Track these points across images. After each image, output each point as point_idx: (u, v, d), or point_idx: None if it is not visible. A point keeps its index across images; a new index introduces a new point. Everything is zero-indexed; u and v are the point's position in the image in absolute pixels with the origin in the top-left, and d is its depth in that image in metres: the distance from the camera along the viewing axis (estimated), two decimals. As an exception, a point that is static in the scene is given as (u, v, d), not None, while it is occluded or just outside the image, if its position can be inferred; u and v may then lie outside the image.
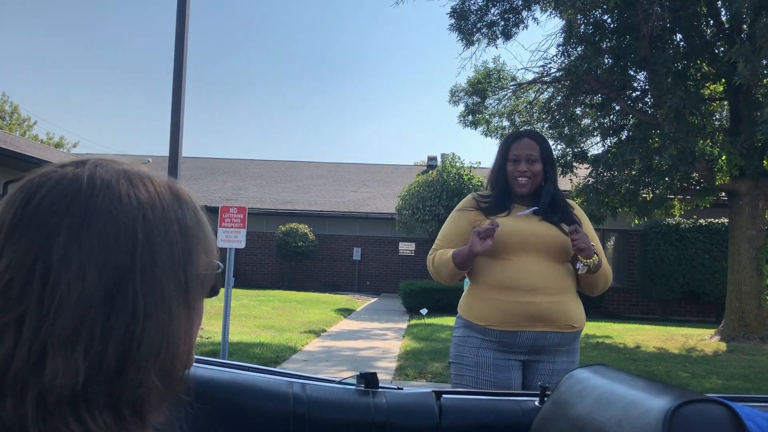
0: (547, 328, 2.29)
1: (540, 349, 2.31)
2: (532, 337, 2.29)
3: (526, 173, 2.41)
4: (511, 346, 2.30)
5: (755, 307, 10.04)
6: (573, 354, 2.39)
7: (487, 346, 2.31)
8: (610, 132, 11.71)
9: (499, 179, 2.48)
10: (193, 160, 26.34)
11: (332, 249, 20.85)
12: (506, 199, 2.44)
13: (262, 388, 1.27)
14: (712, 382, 6.79)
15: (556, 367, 2.33)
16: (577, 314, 2.35)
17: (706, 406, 0.93)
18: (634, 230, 16.15)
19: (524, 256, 2.32)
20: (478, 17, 10.93)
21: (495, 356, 2.30)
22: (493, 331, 2.30)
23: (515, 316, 2.27)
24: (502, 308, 2.29)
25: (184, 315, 0.61)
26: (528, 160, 2.42)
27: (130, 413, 0.57)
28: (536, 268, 2.30)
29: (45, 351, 0.53)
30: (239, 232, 6.60)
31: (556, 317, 2.29)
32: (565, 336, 2.33)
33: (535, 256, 2.32)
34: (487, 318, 2.31)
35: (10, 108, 35.29)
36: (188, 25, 8.05)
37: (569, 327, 2.32)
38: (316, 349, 8.34)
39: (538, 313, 2.27)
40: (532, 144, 2.46)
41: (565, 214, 2.42)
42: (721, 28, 10.20)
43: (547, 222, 2.38)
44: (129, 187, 0.60)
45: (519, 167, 2.42)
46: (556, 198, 2.46)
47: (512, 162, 2.44)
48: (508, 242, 2.32)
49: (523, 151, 2.43)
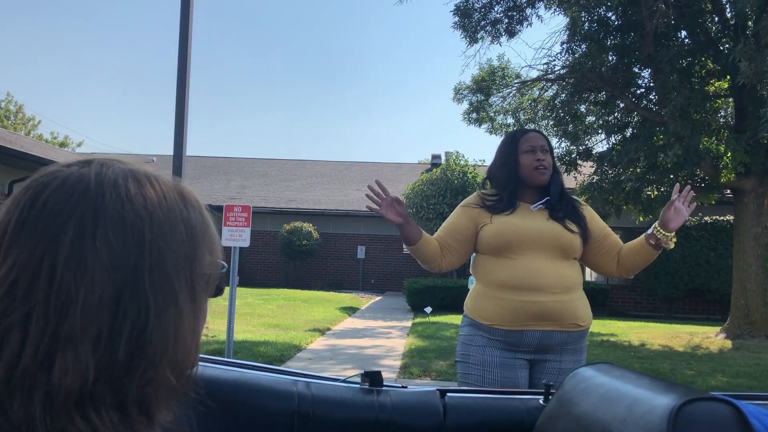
0: (553, 327, 2.28)
1: (546, 348, 2.30)
2: (538, 336, 2.28)
3: (544, 162, 2.40)
4: (518, 345, 2.29)
5: (761, 305, 10.01)
6: (580, 353, 2.38)
7: (494, 345, 2.30)
8: (615, 129, 11.68)
9: (511, 175, 2.43)
10: (197, 159, 26.37)
11: (336, 247, 20.85)
12: (513, 196, 2.42)
13: (266, 386, 1.27)
14: (717, 380, 6.77)
15: (563, 366, 2.32)
16: (584, 313, 2.34)
17: (711, 405, 0.92)
18: (639, 228, 16.10)
19: (530, 254, 2.30)
20: (481, 15, 10.91)
21: (501, 355, 2.30)
22: (499, 330, 2.29)
23: (521, 315, 2.26)
24: (507, 308, 2.28)
25: (190, 314, 0.61)
26: (543, 150, 2.42)
27: (137, 412, 0.57)
28: (542, 267, 2.29)
29: (52, 350, 0.53)
30: (244, 230, 6.61)
31: (562, 316, 2.28)
32: (572, 335, 2.32)
33: (541, 255, 2.30)
34: (492, 317, 2.30)
35: (14, 107, 35.38)
36: (192, 24, 8.06)
37: (575, 326, 2.31)
38: (320, 347, 8.35)
39: (543, 312, 2.25)
40: (540, 137, 2.47)
41: (571, 209, 2.41)
42: (726, 25, 10.16)
43: (553, 219, 2.36)
44: (136, 186, 0.60)
45: (537, 156, 2.40)
46: (564, 191, 2.46)
47: (528, 153, 2.41)
48: (514, 241, 2.31)
49: (536, 142, 2.43)
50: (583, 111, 11.89)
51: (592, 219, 2.47)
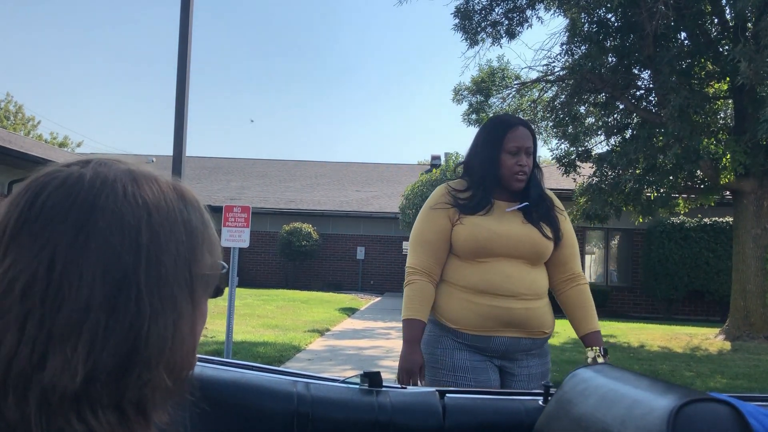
0: (521, 334, 2.19)
1: (512, 355, 2.21)
2: (506, 343, 2.18)
3: (525, 168, 2.21)
4: (484, 351, 2.19)
5: (760, 306, 10.01)
6: (545, 356, 2.30)
7: (462, 348, 2.19)
8: (614, 131, 11.69)
9: (489, 172, 2.24)
10: (197, 160, 26.37)
11: (336, 248, 20.86)
12: (489, 195, 2.24)
13: (266, 387, 1.27)
14: (716, 382, 6.77)
15: (532, 371, 2.24)
16: (550, 320, 2.27)
17: (711, 406, 0.92)
18: (639, 229, 16.11)
19: (502, 259, 2.18)
20: (482, 17, 10.93)
21: (471, 357, 2.18)
22: (465, 334, 2.18)
23: (489, 320, 2.15)
24: (475, 311, 2.15)
25: (189, 315, 0.61)
26: (527, 153, 2.22)
27: (134, 413, 0.57)
28: (515, 273, 2.17)
29: (48, 350, 0.53)
30: (243, 231, 6.60)
31: (531, 324, 2.18)
32: (537, 341, 2.24)
33: (513, 260, 2.19)
34: (459, 321, 2.18)
35: (14, 108, 35.39)
36: (192, 25, 8.06)
37: (541, 333, 2.23)
38: (320, 348, 8.35)
39: (513, 319, 2.16)
40: (528, 134, 2.25)
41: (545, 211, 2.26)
42: (726, 26, 10.17)
43: (529, 222, 2.22)
44: (134, 187, 0.60)
45: (520, 161, 2.20)
46: (542, 190, 2.30)
47: (511, 155, 2.21)
48: (487, 246, 2.17)
49: (523, 143, 2.21)
50: (583, 112, 11.90)
51: (562, 217, 2.32)
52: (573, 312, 2.28)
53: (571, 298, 2.29)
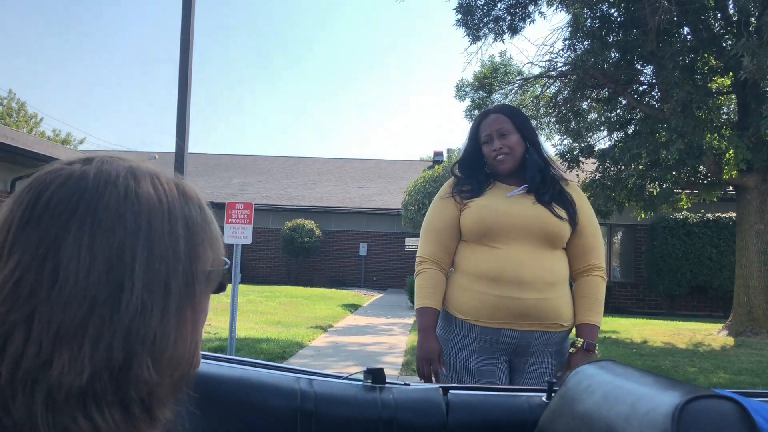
0: (534, 327, 2.08)
1: (525, 349, 2.12)
2: (517, 336, 2.09)
3: (503, 149, 2.18)
4: (495, 344, 2.10)
5: (763, 302, 10.00)
6: (562, 355, 2.17)
7: (470, 347, 2.11)
8: (617, 126, 11.67)
9: (475, 166, 2.27)
10: (199, 156, 26.40)
11: (338, 245, 20.86)
12: (486, 182, 2.23)
13: (269, 383, 1.27)
14: (719, 377, 6.77)
15: (544, 370, 2.12)
16: (568, 312, 2.14)
17: (715, 402, 0.92)
18: (641, 225, 16.10)
19: (512, 243, 2.10)
20: (484, 12, 10.91)
21: (479, 359, 2.11)
22: (475, 326, 2.10)
23: (499, 311, 2.07)
24: (485, 302, 2.08)
25: (191, 311, 0.61)
26: (500, 135, 2.19)
27: (140, 410, 0.57)
28: (525, 259, 2.08)
29: (54, 348, 0.53)
30: (246, 228, 6.61)
31: (544, 315, 2.07)
32: (553, 336, 2.12)
33: (524, 244, 2.10)
34: (468, 312, 2.11)
35: (17, 105, 35.43)
36: (194, 21, 8.05)
37: (558, 326, 2.11)
38: (323, 344, 8.36)
39: (524, 310, 2.06)
40: (501, 117, 2.22)
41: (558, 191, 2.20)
42: (729, 21, 10.13)
43: (540, 203, 2.14)
44: (136, 184, 0.60)
45: (493, 146, 2.20)
46: (544, 170, 2.23)
47: (486, 144, 2.23)
48: (495, 227, 2.11)
49: (492, 128, 2.21)
50: (586, 108, 11.88)
51: (580, 202, 2.24)
52: (576, 300, 2.21)
53: (579, 286, 2.24)
